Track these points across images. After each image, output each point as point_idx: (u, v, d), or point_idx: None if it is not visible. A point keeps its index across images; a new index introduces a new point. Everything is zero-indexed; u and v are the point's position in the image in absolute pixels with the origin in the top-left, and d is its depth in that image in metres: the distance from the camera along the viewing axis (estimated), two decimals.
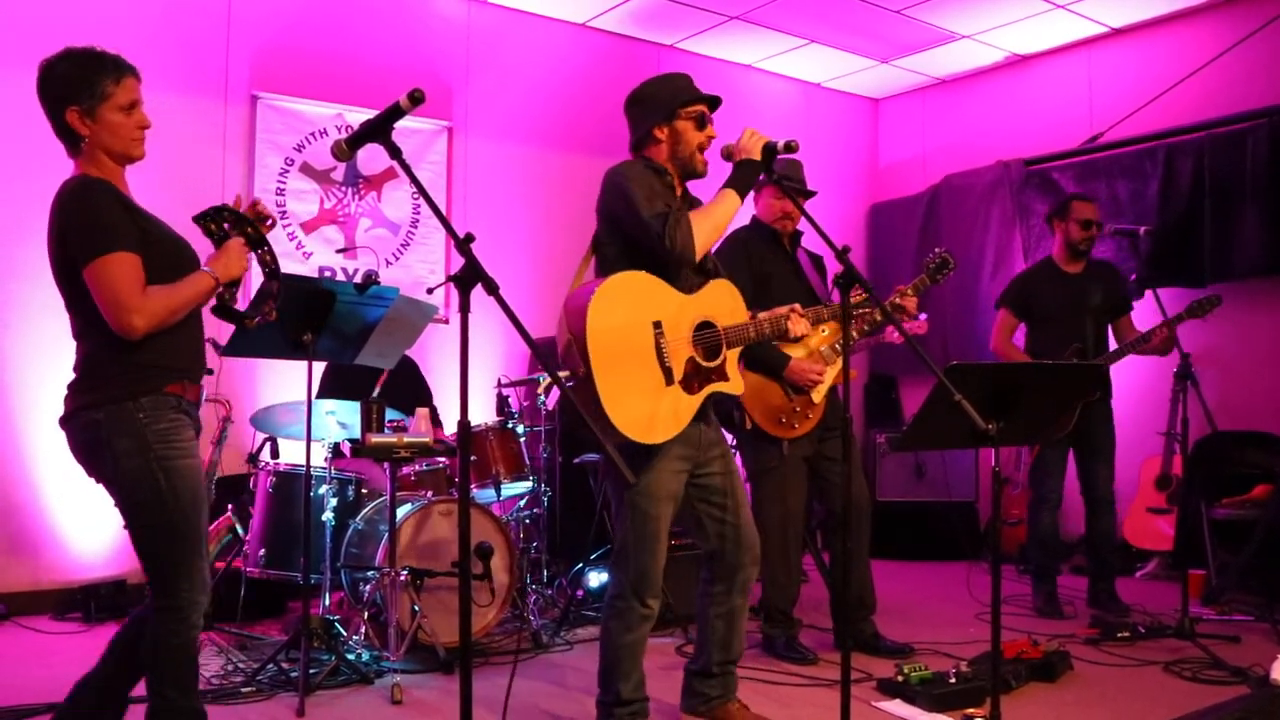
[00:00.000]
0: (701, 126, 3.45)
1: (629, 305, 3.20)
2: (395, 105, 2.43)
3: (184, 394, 2.86)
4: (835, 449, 4.67)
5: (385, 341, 4.42)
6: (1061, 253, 5.70)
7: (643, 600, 3.36)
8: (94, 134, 2.82)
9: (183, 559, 2.80)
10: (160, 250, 2.82)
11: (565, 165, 7.48)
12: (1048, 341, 5.59)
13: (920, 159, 8.96)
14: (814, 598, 5.56)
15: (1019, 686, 4.15)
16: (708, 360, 3.35)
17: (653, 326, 3.22)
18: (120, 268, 2.69)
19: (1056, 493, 5.61)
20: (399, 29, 6.86)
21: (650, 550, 3.33)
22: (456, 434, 2.40)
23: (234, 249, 2.96)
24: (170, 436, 2.78)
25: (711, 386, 3.37)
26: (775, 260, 4.72)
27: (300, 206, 6.50)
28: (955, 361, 3.06)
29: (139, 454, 2.73)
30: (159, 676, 2.82)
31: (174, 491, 2.76)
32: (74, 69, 2.82)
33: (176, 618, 2.80)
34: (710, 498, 3.46)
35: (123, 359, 2.75)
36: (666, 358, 3.23)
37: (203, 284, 2.85)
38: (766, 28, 7.65)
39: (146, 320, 2.70)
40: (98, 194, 2.76)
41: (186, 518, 2.79)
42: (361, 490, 5.10)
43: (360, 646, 4.51)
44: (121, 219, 2.75)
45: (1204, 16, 7.21)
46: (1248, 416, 6.56)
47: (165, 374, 2.81)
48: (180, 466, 2.78)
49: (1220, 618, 5.41)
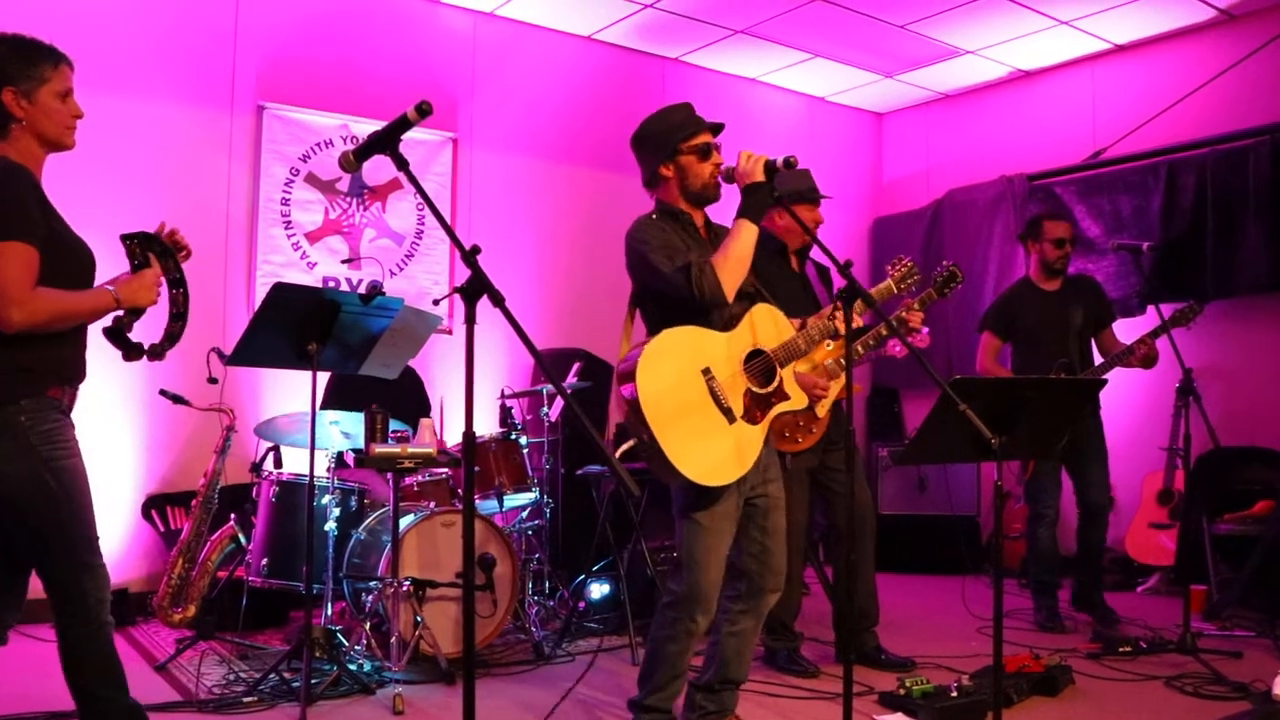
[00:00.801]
0: (706, 156, 3.44)
1: (675, 362, 3.23)
2: (403, 117, 2.44)
3: (63, 397, 2.78)
4: (839, 461, 4.67)
5: (389, 352, 4.43)
6: (1038, 272, 5.74)
7: (693, 616, 3.37)
8: (29, 116, 2.77)
9: (80, 558, 2.73)
10: (64, 253, 2.75)
11: (570, 177, 7.51)
12: (1033, 360, 5.61)
13: (924, 173, 8.97)
14: (816, 610, 5.56)
15: (1021, 701, 4.14)
16: (764, 387, 3.38)
17: (703, 374, 3.25)
18: (16, 256, 2.59)
19: (1053, 509, 5.60)
20: (405, 40, 6.89)
21: (706, 569, 3.34)
22: (460, 445, 2.41)
23: (148, 278, 2.88)
24: (54, 436, 2.70)
25: (775, 410, 3.40)
26: (782, 274, 4.72)
27: (305, 217, 6.51)
28: (959, 376, 3.07)
29: (24, 457, 2.65)
30: (88, 684, 2.77)
31: (65, 491, 2.70)
32: (12, 51, 2.77)
33: (85, 617, 2.74)
34: (754, 517, 3.46)
35: (3, 358, 2.65)
36: (723, 399, 3.25)
37: (101, 301, 2.78)
38: (771, 42, 7.67)
39: (25, 318, 2.59)
40: (14, 178, 2.68)
41: (80, 517, 2.73)
42: (364, 500, 5.11)
43: (362, 657, 4.52)
44: (32, 210, 2.67)
45: (1207, 34, 7.23)
46: (1250, 432, 6.56)
47: (47, 377, 2.72)
48: (68, 466, 2.71)
49: (1222, 633, 5.40)
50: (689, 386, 3.22)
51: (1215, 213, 6.90)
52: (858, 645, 4.68)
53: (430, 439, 4.62)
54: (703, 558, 3.33)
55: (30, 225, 2.64)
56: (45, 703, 3.81)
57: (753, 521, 3.46)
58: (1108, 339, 5.65)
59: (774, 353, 3.41)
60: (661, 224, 3.43)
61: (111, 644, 2.82)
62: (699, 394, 3.23)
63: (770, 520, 3.47)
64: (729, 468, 3.26)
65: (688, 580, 3.35)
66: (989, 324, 5.85)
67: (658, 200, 3.54)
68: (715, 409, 3.24)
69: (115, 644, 2.86)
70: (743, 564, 3.49)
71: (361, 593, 4.81)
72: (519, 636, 5.11)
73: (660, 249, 3.33)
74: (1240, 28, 7.03)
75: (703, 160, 3.44)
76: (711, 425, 3.24)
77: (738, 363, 3.34)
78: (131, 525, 5.79)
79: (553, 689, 4.33)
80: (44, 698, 3.88)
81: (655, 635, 3.46)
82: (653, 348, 3.22)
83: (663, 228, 3.40)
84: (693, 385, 3.23)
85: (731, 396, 3.28)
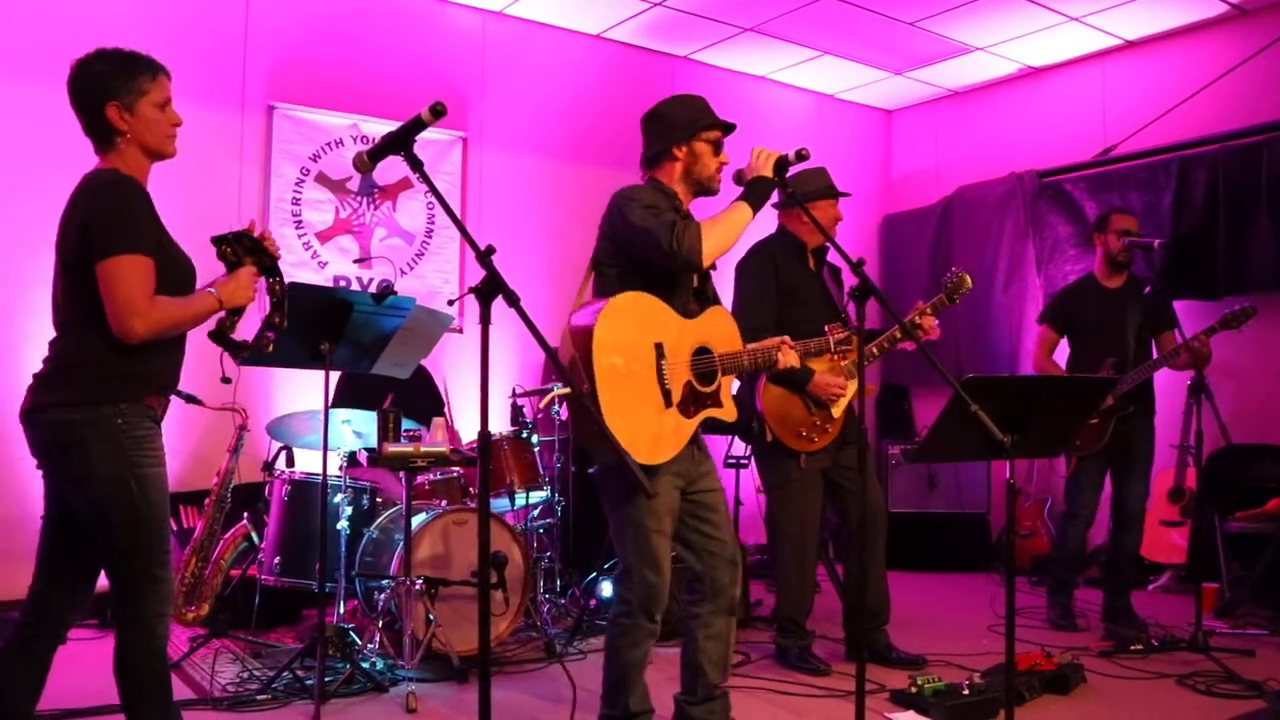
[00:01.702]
0: (717, 151, 3.48)
1: (634, 325, 3.22)
2: (417, 118, 2.44)
3: (157, 407, 2.84)
4: (851, 459, 4.67)
5: (401, 351, 4.44)
6: (1102, 267, 5.63)
7: (650, 616, 3.33)
8: (132, 129, 2.84)
9: (149, 568, 2.76)
10: (169, 262, 2.82)
11: (579, 176, 7.51)
12: (1086, 357, 5.54)
13: (933, 170, 8.96)
14: (826, 608, 5.56)
15: (1032, 699, 4.15)
16: (703, 385, 3.36)
17: (654, 348, 3.23)
18: (136, 269, 2.67)
19: (1089, 509, 5.53)
20: (415, 40, 6.90)
21: (656, 565, 3.29)
22: (474, 443, 2.42)
23: (244, 277, 2.94)
24: (145, 444, 2.75)
25: (707, 412, 3.37)
26: (801, 274, 4.73)
27: (316, 216, 6.53)
28: (969, 374, 3.07)
29: (115, 460, 2.70)
30: (130, 689, 2.78)
31: (145, 499, 2.73)
32: (112, 67, 2.84)
33: (141, 629, 2.76)
34: (701, 513, 3.43)
35: (110, 363, 2.72)
36: (666, 380, 3.24)
37: (208, 304, 2.85)
38: (780, 39, 7.67)
39: (148, 328, 2.67)
40: (130, 192, 2.77)
41: (155, 527, 2.77)
42: (376, 499, 5.12)
43: (375, 655, 4.53)
44: (147, 222, 2.76)
45: (1217, 29, 7.21)
46: (1262, 430, 6.55)
47: (147, 385, 2.79)
48: (153, 475, 2.76)
49: (1234, 631, 5.39)
50: (640, 354, 3.21)
51: (1227, 209, 6.88)
52: (869, 643, 4.68)
53: (442, 438, 4.64)
54: (650, 555, 3.28)
55: (144, 235, 2.72)
56: (55, 700, 3.81)
57: (698, 518, 3.43)
58: (1167, 342, 5.50)
59: (720, 357, 3.40)
60: (656, 191, 3.43)
61: (162, 660, 2.83)
62: (647, 365, 3.21)
63: (719, 513, 3.45)
64: (662, 448, 3.22)
65: (638, 582, 3.30)
66: (1046, 317, 5.82)
67: (651, 178, 3.52)
68: (657, 387, 3.22)
69: (167, 663, 2.87)
70: (701, 565, 3.43)
71: (374, 591, 4.82)
72: (530, 634, 5.11)
73: (648, 207, 3.31)
74: (1252, 22, 7.01)
75: (715, 153, 3.47)
76: (651, 401, 3.21)
77: (687, 352, 3.33)
78: None
79: (564, 687, 4.34)
80: (58, 695, 3.89)
81: (615, 646, 3.38)
82: (616, 303, 3.20)
83: (656, 193, 3.41)
84: (644, 354, 3.21)
85: (674, 381, 3.26)
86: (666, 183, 3.48)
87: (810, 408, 4.54)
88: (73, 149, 2.94)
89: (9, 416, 5.52)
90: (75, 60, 2.86)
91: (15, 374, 5.52)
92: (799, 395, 4.54)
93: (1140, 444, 5.48)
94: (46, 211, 5.16)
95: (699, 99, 3.57)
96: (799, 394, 4.54)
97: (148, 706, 2.80)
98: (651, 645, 3.41)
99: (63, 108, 2.91)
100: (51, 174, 5.54)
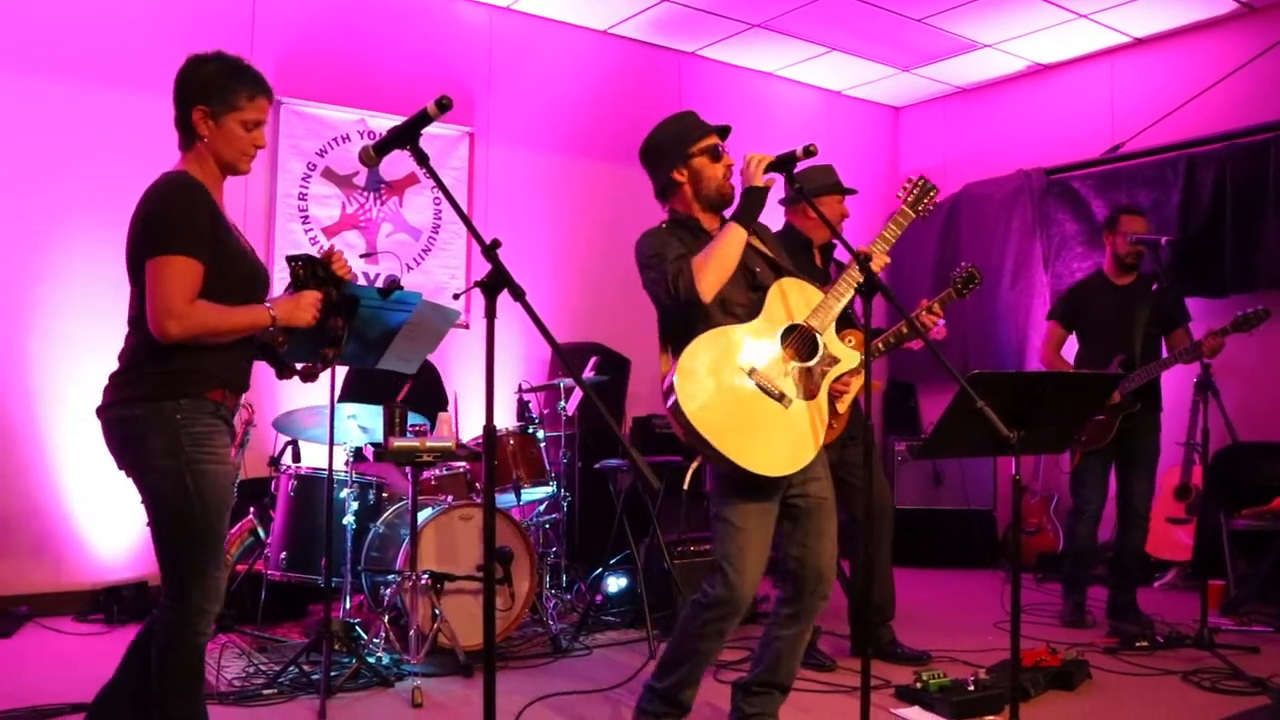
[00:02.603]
0: (717, 158, 3.42)
1: (709, 373, 3.18)
2: (423, 112, 2.44)
3: (223, 401, 2.86)
4: (858, 455, 4.66)
5: (408, 347, 4.43)
6: (1111, 265, 5.65)
7: (724, 618, 3.31)
8: (212, 138, 2.87)
9: (198, 564, 2.78)
10: (229, 268, 2.83)
11: (586, 171, 7.51)
12: (1095, 353, 5.55)
13: (941, 167, 8.94)
14: (831, 604, 5.52)
15: (1037, 695, 4.14)
16: (809, 359, 3.29)
17: (748, 375, 3.20)
18: (180, 270, 2.70)
19: (1095, 504, 5.53)
20: (422, 35, 6.90)
21: (739, 571, 3.28)
22: (479, 438, 2.42)
23: (306, 300, 2.95)
24: (203, 440, 2.77)
25: (828, 377, 3.31)
26: (807, 270, 4.71)
27: (322, 211, 6.54)
28: (976, 370, 3.07)
29: (171, 454, 2.72)
30: (162, 680, 2.80)
31: (200, 495, 2.75)
32: (217, 73, 2.86)
33: (182, 621, 2.78)
34: (796, 519, 3.40)
35: (167, 358, 2.75)
36: (772, 388, 3.20)
37: (258, 317, 2.85)
38: (788, 36, 7.66)
39: (182, 330, 2.68)
40: (189, 193, 2.79)
41: (208, 522, 2.79)
42: (382, 494, 5.13)
43: (381, 650, 4.53)
44: (200, 224, 2.76)
45: (1226, 27, 7.19)
46: (1269, 427, 6.54)
47: (208, 379, 2.80)
48: (210, 471, 2.77)
49: (1239, 628, 5.39)
50: (732, 388, 3.18)
51: (1235, 207, 6.87)
52: (874, 639, 4.68)
53: (448, 433, 4.64)
54: (735, 560, 3.26)
55: (197, 240, 2.74)
56: (64, 694, 3.84)
57: (795, 523, 3.40)
58: (1178, 340, 5.48)
59: (808, 322, 3.31)
60: (666, 232, 3.39)
61: (195, 655, 2.84)
62: (747, 394, 3.19)
63: (813, 522, 3.39)
64: (802, 448, 3.22)
65: (720, 582, 3.27)
66: (1055, 314, 5.83)
67: (670, 210, 3.50)
68: (768, 400, 3.19)
69: (203, 659, 2.88)
70: (788, 567, 3.43)
71: (380, 586, 4.83)
72: (536, 630, 5.12)
73: (652, 258, 3.29)
74: (1261, 20, 6.99)
75: (715, 161, 3.42)
76: (769, 419, 3.19)
77: (776, 344, 3.27)
78: None
79: (570, 682, 4.35)
80: (63, 690, 3.91)
81: (684, 629, 3.37)
82: (682, 365, 3.17)
83: (664, 236, 3.36)
84: (735, 386, 3.18)
85: (780, 381, 3.22)
86: (683, 210, 3.46)
87: None
88: (82, 143, 2.95)
89: (10, 413, 5.57)
90: (193, 54, 2.90)
91: (19, 368, 5.55)
92: None
93: (1145, 441, 5.48)
94: (54, 207, 5.19)
95: (685, 115, 3.52)
96: None
97: (179, 700, 2.82)
98: (719, 646, 3.41)
99: (72, 102, 2.92)
100: (60, 169, 5.58)
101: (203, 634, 2.82)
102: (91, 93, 5.67)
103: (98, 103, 5.67)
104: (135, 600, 5.46)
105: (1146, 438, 5.49)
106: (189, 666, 2.83)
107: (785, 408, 3.21)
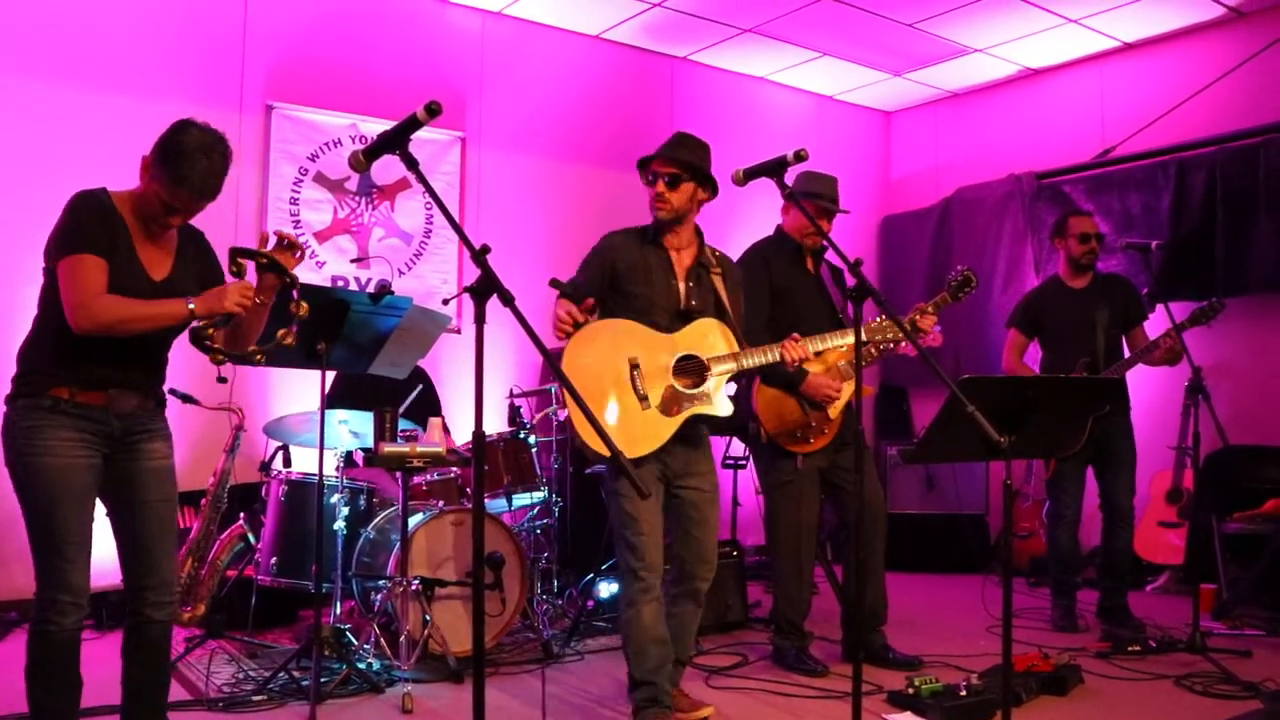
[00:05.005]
0: (651, 182, 3.81)
1: (594, 347, 3.64)
2: (412, 117, 2.43)
3: (70, 398, 2.94)
4: (849, 460, 4.67)
5: (398, 351, 4.44)
6: (1066, 269, 5.70)
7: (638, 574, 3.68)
8: (143, 184, 3.01)
9: (41, 553, 2.93)
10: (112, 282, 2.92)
11: (578, 176, 7.51)
12: (1059, 358, 5.56)
13: (932, 172, 8.96)
14: (824, 609, 5.55)
15: (1029, 700, 4.14)
16: (690, 387, 3.68)
17: (629, 363, 3.63)
18: (83, 267, 2.85)
19: (1073, 509, 5.55)
20: (414, 40, 6.90)
21: (634, 526, 3.65)
22: (470, 444, 2.42)
23: (231, 289, 3.00)
24: (34, 435, 2.90)
25: (693, 409, 3.67)
26: (796, 275, 4.71)
27: (314, 216, 6.52)
28: (967, 375, 3.06)
29: (10, 450, 2.94)
30: (29, 687, 2.97)
31: (30, 487, 2.91)
32: (179, 145, 2.95)
33: (36, 608, 2.93)
34: (682, 509, 3.78)
35: (22, 365, 3.01)
36: (641, 387, 3.61)
37: (175, 309, 2.93)
38: (780, 40, 7.67)
39: (91, 320, 2.83)
40: (91, 208, 2.93)
41: (42, 515, 2.92)
42: (373, 499, 5.12)
43: (371, 655, 4.52)
44: (97, 231, 2.90)
45: (1216, 31, 7.22)
46: (1260, 431, 6.55)
47: (47, 378, 2.94)
48: (38, 464, 2.90)
49: (1231, 632, 5.39)
50: (611, 363, 3.62)
51: (1225, 211, 6.88)
52: (866, 644, 4.68)
53: (439, 438, 4.63)
54: (628, 520, 3.63)
55: (97, 242, 2.89)
56: None
57: (682, 513, 3.78)
58: (1138, 337, 5.54)
59: (708, 359, 3.71)
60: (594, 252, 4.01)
61: (53, 646, 2.94)
62: (620, 374, 3.61)
63: (699, 512, 3.78)
64: (635, 444, 3.56)
65: (623, 543, 3.67)
66: (1015, 321, 5.85)
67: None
68: (631, 393, 3.60)
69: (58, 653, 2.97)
70: (676, 551, 3.82)
71: (370, 591, 4.81)
72: (527, 635, 5.10)
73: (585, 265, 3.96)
74: (1250, 25, 7.02)
75: (649, 184, 3.81)
76: (623, 404, 3.60)
77: (669, 360, 3.68)
78: None
79: (561, 688, 4.34)
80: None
81: (623, 612, 3.72)
82: (590, 329, 3.64)
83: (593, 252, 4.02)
84: (615, 364, 3.62)
85: (651, 387, 3.63)
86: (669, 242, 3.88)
87: (805, 409, 4.54)
88: (72, 145, 2.95)
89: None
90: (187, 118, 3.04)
91: (10, 371, 5.53)
92: (793, 396, 4.54)
93: (1120, 442, 5.49)
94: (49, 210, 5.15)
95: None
96: (793, 395, 4.54)
97: (34, 687, 2.96)
98: (657, 607, 3.71)
99: (65, 106, 2.94)
100: (50, 170, 5.55)
101: (53, 622, 2.91)
102: (84, 96, 5.65)
103: (90, 106, 5.65)
104: (123, 605, 5.41)
105: (1121, 439, 5.50)
106: (43, 656, 2.94)
107: (642, 408, 3.61)
